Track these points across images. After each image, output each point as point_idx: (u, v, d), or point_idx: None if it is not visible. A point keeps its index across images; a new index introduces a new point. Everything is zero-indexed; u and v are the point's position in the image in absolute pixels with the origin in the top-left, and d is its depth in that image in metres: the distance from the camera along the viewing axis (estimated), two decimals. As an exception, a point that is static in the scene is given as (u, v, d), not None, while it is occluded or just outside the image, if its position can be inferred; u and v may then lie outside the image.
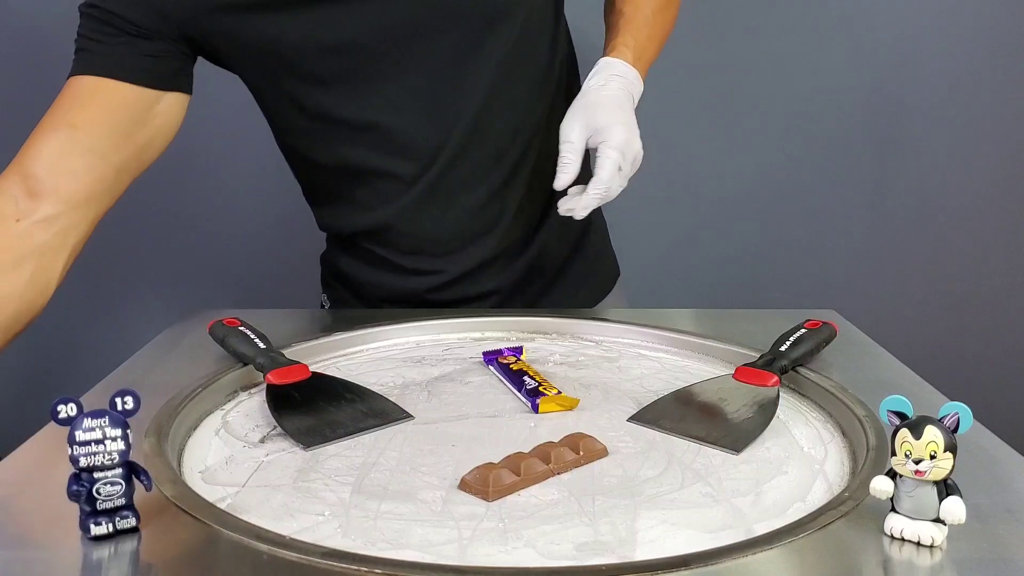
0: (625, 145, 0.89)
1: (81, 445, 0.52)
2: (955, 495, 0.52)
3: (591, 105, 0.92)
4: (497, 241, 1.05)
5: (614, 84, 0.94)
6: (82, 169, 0.89)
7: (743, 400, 0.75)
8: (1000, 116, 1.52)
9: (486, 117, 0.98)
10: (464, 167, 1.00)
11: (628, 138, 0.89)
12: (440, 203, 1.01)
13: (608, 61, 0.96)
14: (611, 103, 0.92)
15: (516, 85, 1.00)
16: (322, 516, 0.58)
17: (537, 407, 0.76)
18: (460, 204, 1.02)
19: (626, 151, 0.89)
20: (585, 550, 0.54)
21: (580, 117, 0.91)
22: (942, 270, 1.59)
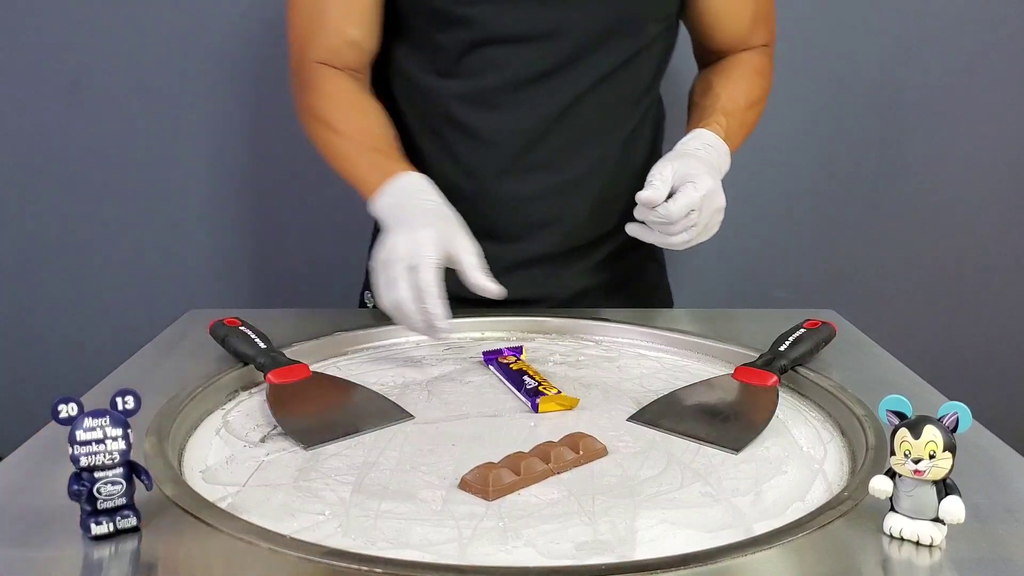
0: (710, 193, 0.90)
1: (82, 445, 0.52)
2: (954, 495, 0.52)
3: (684, 156, 0.94)
4: (560, 238, 1.04)
5: (707, 151, 0.96)
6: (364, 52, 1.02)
7: (743, 400, 0.75)
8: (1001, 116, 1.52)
9: (587, 99, 1.00)
10: (551, 143, 1.01)
11: (715, 189, 0.91)
12: (518, 175, 1.02)
13: (703, 132, 0.98)
14: (703, 160, 0.94)
15: (618, 92, 1.02)
16: (322, 516, 0.58)
17: (537, 407, 0.76)
18: (535, 182, 1.02)
19: (708, 199, 0.90)
20: (585, 549, 0.54)
21: (672, 163, 0.92)
22: (942, 270, 1.59)
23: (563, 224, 1.04)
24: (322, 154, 1.00)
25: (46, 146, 1.53)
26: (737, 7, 1.07)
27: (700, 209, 0.90)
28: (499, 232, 1.03)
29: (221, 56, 1.47)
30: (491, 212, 1.03)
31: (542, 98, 0.99)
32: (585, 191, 1.04)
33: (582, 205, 1.04)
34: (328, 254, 1.58)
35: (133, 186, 1.54)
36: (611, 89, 1.01)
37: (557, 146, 1.01)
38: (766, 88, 1.09)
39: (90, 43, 1.49)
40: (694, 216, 0.90)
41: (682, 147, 0.96)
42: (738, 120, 1.02)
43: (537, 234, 1.04)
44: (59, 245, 1.57)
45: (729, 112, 1.02)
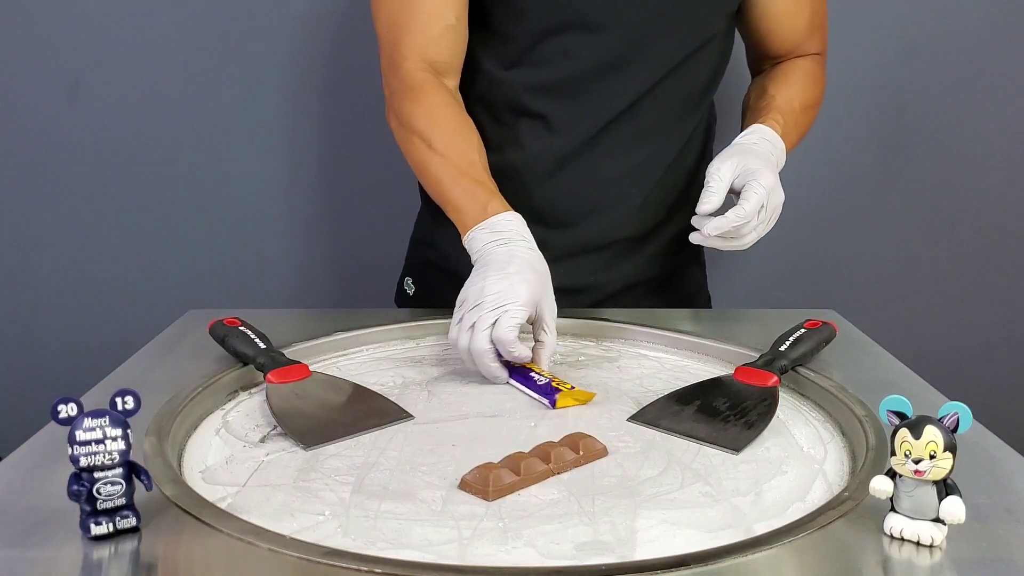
0: (772, 189, 0.91)
1: (81, 445, 0.52)
2: (955, 495, 0.52)
3: (743, 152, 0.95)
4: (610, 227, 1.05)
5: (765, 146, 0.97)
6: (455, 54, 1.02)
7: (743, 400, 0.75)
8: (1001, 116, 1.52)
9: (655, 94, 1.01)
10: (615, 135, 1.02)
11: (776, 184, 0.92)
12: (579, 162, 1.03)
13: (760, 127, 1.00)
14: (762, 154, 0.95)
15: (683, 86, 1.03)
16: (322, 516, 0.58)
17: (555, 402, 0.76)
18: (595, 170, 1.03)
19: (772, 195, 0.91)
20: (585, 550, 0.54)
21: (732, 159, 0.93)
22: (942, 270, 1.59)
23: (614, 214, 1.05)
24: (414, 167, 0.99)
25: (46, 146, 1.53)
26: (794, 13, 1.08)
27: (766, 205, 0.91)
28: (550, 218, 1.04)
29: (221, 56, 1.47)
30: (546, 197, 1.04)
31: (611, 88, 1.01)
32: (640, 184, 1.05)
33: (635, 197, 1.05)
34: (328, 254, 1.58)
35: (133, 186, 1.54)
36: (675, 84, 1.02)
37: (620, 137, 1.02)
38: (819, 95, 1.10)
39: (90, 43, 1.49)
40: (763, 214, 0.91)
41: (740, 142, 0.97)
42: (793, 120, 1.03)
43: (587, 222, 1.05)
44: (59, 245, 1.57)
45: (785, 112, 1.03)
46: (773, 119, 1.01)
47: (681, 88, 1.04)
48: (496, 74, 1.03)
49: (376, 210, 1.47)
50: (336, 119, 1.49)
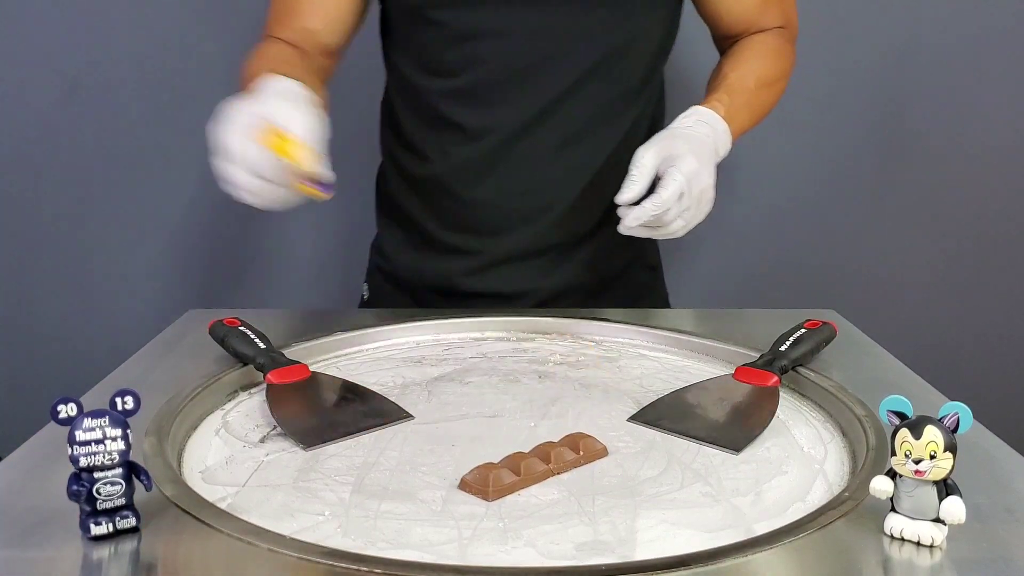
0: (693, 175, 0.88)
1: (81, 445, 0.52)
2: (955, 495, 0.52)
3: (672, 136, 0.92)
4: (544, 232, 1.04)
5: (701, 128, 0.94)
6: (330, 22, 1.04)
7: (743, 400, 0.75)
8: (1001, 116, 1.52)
9: (572, 95, 1.00)
10: (535, 140, 1.01)
11: (698, 169, 0.88)
12: (503, 170, 1.02)
13: (699, 109, 0.96)
14: (691, 139, 0.92)
15: (611, 85, 1.01)
16: (322, 516, 0.58)
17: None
18: (519, 177, 1.02)
19: (693, 181, 0.88)
20: (585, 550, 0.54)
21: (658, 144, 0.91)
22: (942, 270, 1.59)
23: (544, 220, 1.04)
24: None
25: (46, 146, 1.53)
26: None
27: (688, 192, 0.88)
28: (481, 226, 1.04)
29: (221, 56, 1.47)
30: (475, 206, 1.03)
31: (527, 93, 0.99)
32: (569, 188, 1.03)
33: (565, 202, 1.03)
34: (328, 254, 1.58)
35: (133, 186, 1.54)
36: (599, 85, 1.00)
37: (543, 142, 1.01)
38: (784, 69, 1.07)
39: (90, 43, 1.49)
40: (685, 200, 0.88)
41: (674, 126, 0.95)
42: (744, 99, 1.00)
43: (520, 230, 1.04)
44: (59, 245, 1.57)
45: (735, 91, 1.00)
46: (717, 100, 0.97)
47: (608, 88, 1.01)
48: (417, 82, 1.04)
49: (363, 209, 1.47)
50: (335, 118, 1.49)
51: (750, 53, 1.05)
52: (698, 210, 0.90)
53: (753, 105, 1.02)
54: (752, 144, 1.54)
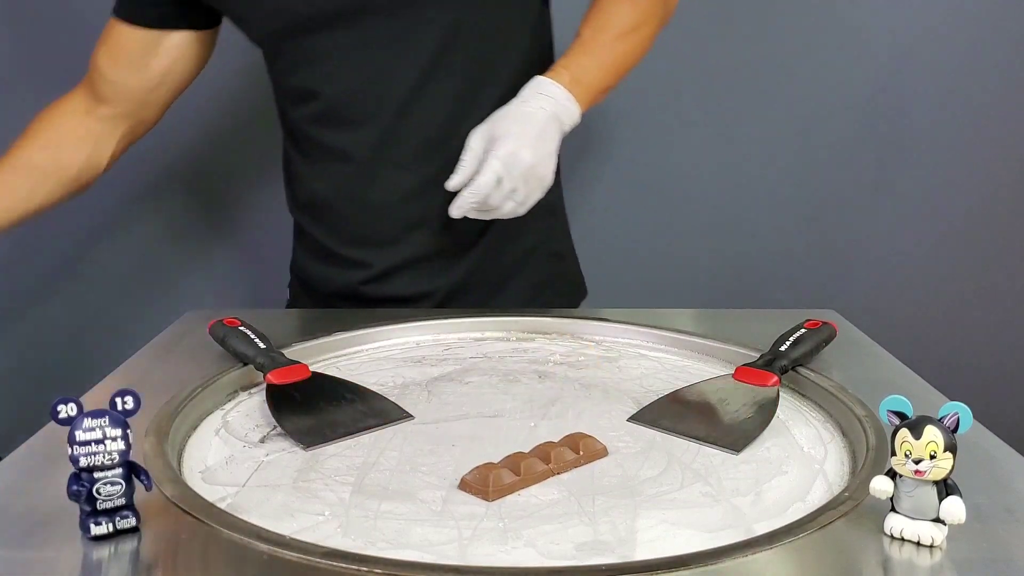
0: (510, 157, 0.88)
1: (81, 445, 0.52)
2: (955, 495, 0.52)
3: (500, 117, 0.93)
4: (431, 237, 1.05)
5: (535, 102, 0.93)
6: (114, 92, 1.10)
7: (743, 400, 0.75)
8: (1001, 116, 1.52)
9: (416, 101, 1.00)
10: (394, 150, 1.02)
11: (515, 151, 0.89)
12: (372, 185, 1.03)
13: (539, 80, 0.96)
14: (519, 117, 0.92)
15: (454, 76, 1.00)
16: (322, 516, 0.58)
17: None
18: (391, 189, 1.03)
19: (511, 164, 0.88)
20: (585, 550, 0.54)
21: (487, 126, 0.92)
22: (942, 270, 1.59)
23: (430, 224, 1.04)
24: None
25: (46, 146, 1.52)
26: None
27: (508, 175, 0.88)
28: (373, 239, 1.06)
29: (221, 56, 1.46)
30: (362, 221, 1.05)
31: (378, 104, 1.00)
32: (435, 194, 1.00)
33: (438, 208, 1.01)
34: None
35: (133, 186, 1.54)
36: (446, 80, 1.00)
37: (408, 147, 1.02)
38: (643, 15, 1.02)
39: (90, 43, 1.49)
40: (507, 183, 0.89)
41: (512, 101, 0.94)
42: (598, 58, 0.98)
43: (410, 235, 1.05)
44: (59, 245, 1.57)
45: (588, 50, 0.99)
46: (563, 65, 0.97)
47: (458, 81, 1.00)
48: (285, 111, 1.07)
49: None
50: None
51: (604, 6, 1.03)
52: (528, 188, 0.91)
53: (609, 61, 1.00)
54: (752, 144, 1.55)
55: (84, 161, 1.11)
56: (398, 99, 1.00)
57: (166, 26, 1.06)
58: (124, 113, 1.11)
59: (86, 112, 1.11)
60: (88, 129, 1.11)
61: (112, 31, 1.08)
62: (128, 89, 1.10)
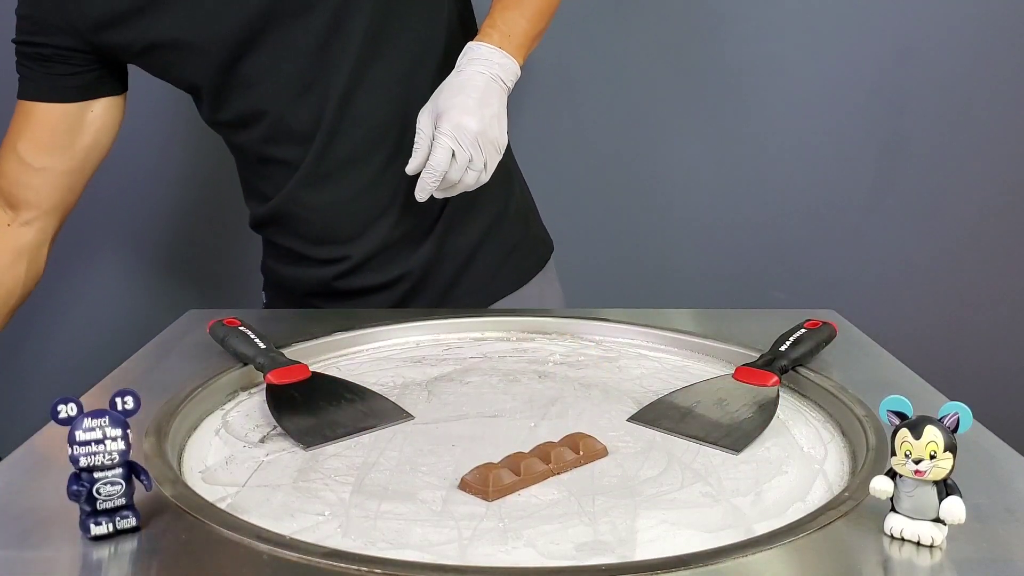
0: (457, 129, 0.89)
1: (81, 445, 0.52)
2: (955, 495, 0.52)
3: (441, 91, 0.93)
4: (395, 223, 1.05)
5: (469, 68, 0.93)
6: (39, 184, 1.04)
7: (743, 400, 0.75)
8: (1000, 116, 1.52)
9: (356, 95, 1.00)
10: (342, 147, 1.02)
11: (460, 121, 0.89)
12: (326, 186, 1.04)
13: (470, 46, 0.96)
14: (458, 87, 0.92)
15: (387, 63, 1.01)
16: (322, 516, 0.58)
17: None
18: (346, 185, 1.04)
19: (460, 135, 0.89)
20: (585, 550, 0.54)
21: (431, 104, 0.93)
22: (942, 270, 1.59)
23: (394, 210, 1.05)
24: None
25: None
26: None
27: (460, 146, 0.89)
28: (336, 236, 1.06)
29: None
30: (322, 223, 1.06)
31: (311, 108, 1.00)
32: (391, 183, 1.03)
33: (399, 191, 1.03)
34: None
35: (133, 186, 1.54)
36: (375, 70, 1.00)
37: (351, 144, 1.02)
38: None
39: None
40: (461, 155, 0.89)
41: (452, 74, 0.95)
42: (518, 10, 0.97)
43: (374, 226, 1.05)
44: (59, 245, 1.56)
45: (509, 6, 0.98)
46: (489, 25, 0.97)
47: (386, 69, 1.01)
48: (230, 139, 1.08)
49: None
50: None
51: None
52: (484, 155, 0.91)
53: (534, 7, 0.99)
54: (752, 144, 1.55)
55: (24, 277, 1.07)
56: (337, 98, 1.00)
57: (87, 97, 1.02)
58: (50, 208, 1.06)
59: (7, 226, 1.05)
60: (16, 243, 1.05)
61: (29, 117, 1.02)
62: (55, 176, 1.04)
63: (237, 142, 1.07)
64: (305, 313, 1.11)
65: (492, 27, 0.96)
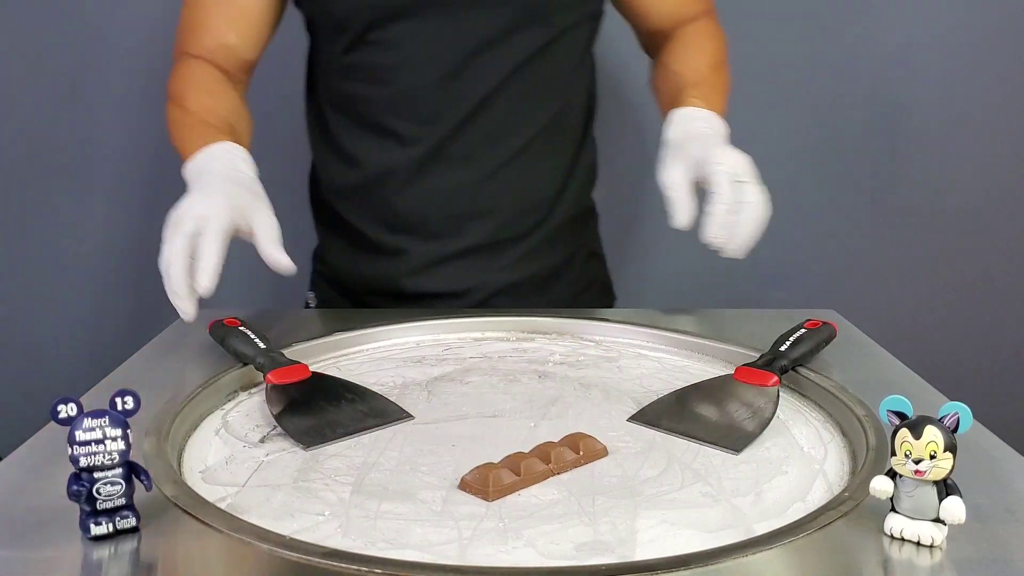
0: (730, 158, 0.88)
1: (81, 445, 0.52)
2: (955, 495, 0.52)
3: (679, 146, 0.93)
4: (486, 232, 1.04)
5: (696, 124, 0.95)
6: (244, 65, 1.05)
7: (743, 400, 0.75)
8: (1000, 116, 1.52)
9: (496, 102, 1.00)
10: (465, 142, 1.01)
11: (729, 151, 0.89)
12: (434, 172, 1.02)
13: (681, 111, 0.97)
14: (699, 136, 0.93)
15: (533, 83, 1.01)
16: (322, 516, 0.58)
17: None
18: (452, 178, 1.03)
19: (734, 164, 0.88)
20: (585, 550, 0.54)
21: (672, 159, 0.91)
22: (942, 270, 1.59)
23: (488, 218, 1.04)
24: (169, 132, 1.00)
25: (46, 146, 1.53)
26: None
27: (739, 176, 0.88)
28: (421, 228, 1.04)
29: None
30: (409, 209, 1.04)
31: (456, 97, 1.00)
32: (507, 183, 1.03)
33: (506, 197, 1.04)
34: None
35: (133, 186, 1.54)
36: (524, 81, 1.01)
37: (473, 140, 1.01)
38: (723, 49, 1.07)
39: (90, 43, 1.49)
40: (749, 187, 0.88)
41: (671, 137, 0.95)
42: (709, 87, 1.01)
43: (462, 228, 1.04)
44: (59, 245, 1.57)
45: (697, 82, 1.00)
46: (690, 95, 0.98)
47: (534, 82, 1.01)
48: (349, 90, 1.04)
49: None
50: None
51: (691, 45, 1.06)
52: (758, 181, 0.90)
53: (719, 87, 1.02)
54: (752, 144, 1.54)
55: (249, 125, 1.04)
56: (477, 98, 1.00)
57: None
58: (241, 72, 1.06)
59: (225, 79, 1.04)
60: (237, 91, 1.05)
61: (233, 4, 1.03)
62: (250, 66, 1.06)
63: (352, 93, 1.03)
64: (305, 313, 1.11)
65: (693, 96, 0.99)
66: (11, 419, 1.48)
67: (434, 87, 1.00)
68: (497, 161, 1.03)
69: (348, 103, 1.05)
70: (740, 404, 0.74)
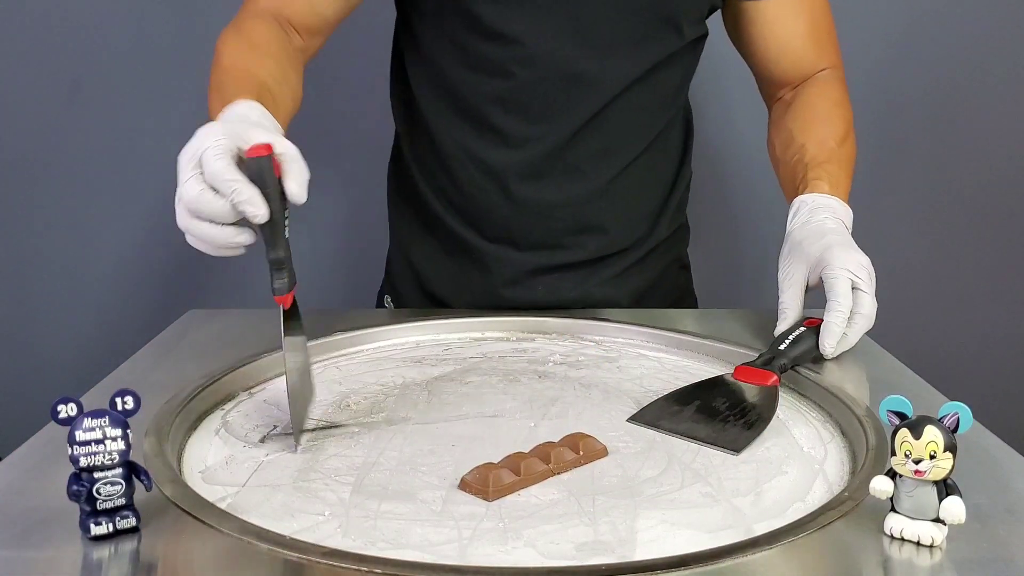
0: (848, 265, 0.85)
1: (81, 445, 0.52)
2: (955, 495, 0.52)
3: (799, 242, 0.90)
4: (589, 248, 1.02)
5: (818, 216, 0.92)
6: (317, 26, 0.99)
7: (743, 400, 0.75)
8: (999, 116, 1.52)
9: (615, 112, 0.98)
10: (577, 153, 0.98)
11: (846, 257, 0.86)
12: (543, 182, 0.99)
13: (803, 199, 0.94)
14: (822, 233, 0.90)
15: (648, 96, 1.00)
16: (322, 516, 0.58)
17: None
18: (563, 190, 1.00)
19: (854, 268, 0.85)
20: (585, 550, 0.54)
21: (792, 258, 0.90)
22: (942, 270, 1.59)
23: (594, 233, 1.02)
24: None
25: (46, 146, 1.53)
26: (790, 18, 1.02)
27: (857, 284, 0.85)
28: (521, 239, 1.01)
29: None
30: (514, 217, 1.00)
31: (574, 101, 0.97)
32: (613, 198, 1.01)
33: (610, 212, 1.02)
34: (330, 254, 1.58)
35: (133, 186, 1.54)
36: (641, 93, 0.99)
37: (586, 151, 0.99)
38: (849, 117, 1.03)
39: (90, 43, 1.49)
40: (865, 297, 0.85)
41: (793, 229, 0.93)
42: (835, 164, 0.97)
43: (566, 242, 1.02)
44: (59, 245, 1.57)
45: (823, 160, 0.97)
46: (816, 177, 0.95)
47: (650, 96, 1.00)
48: (453, 75, 0.99)
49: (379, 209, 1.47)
50: (335, 118, 1.49)
51: (818, 114, 1.02)
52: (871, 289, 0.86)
53: (844, 163, 0.98)
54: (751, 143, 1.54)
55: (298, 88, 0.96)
56: (601, 99, 0.97)
57: None
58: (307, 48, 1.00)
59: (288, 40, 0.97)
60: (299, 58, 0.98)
61: None
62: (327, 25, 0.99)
63: (468, 85, 0.98)
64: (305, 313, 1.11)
65: (819, 179, 0.95)
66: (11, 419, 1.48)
67: (557, 91, 0.96)
68: (608, 175, 1.00)
69: (457, 95, 0.99)
70: (740, 404, 0.74)
